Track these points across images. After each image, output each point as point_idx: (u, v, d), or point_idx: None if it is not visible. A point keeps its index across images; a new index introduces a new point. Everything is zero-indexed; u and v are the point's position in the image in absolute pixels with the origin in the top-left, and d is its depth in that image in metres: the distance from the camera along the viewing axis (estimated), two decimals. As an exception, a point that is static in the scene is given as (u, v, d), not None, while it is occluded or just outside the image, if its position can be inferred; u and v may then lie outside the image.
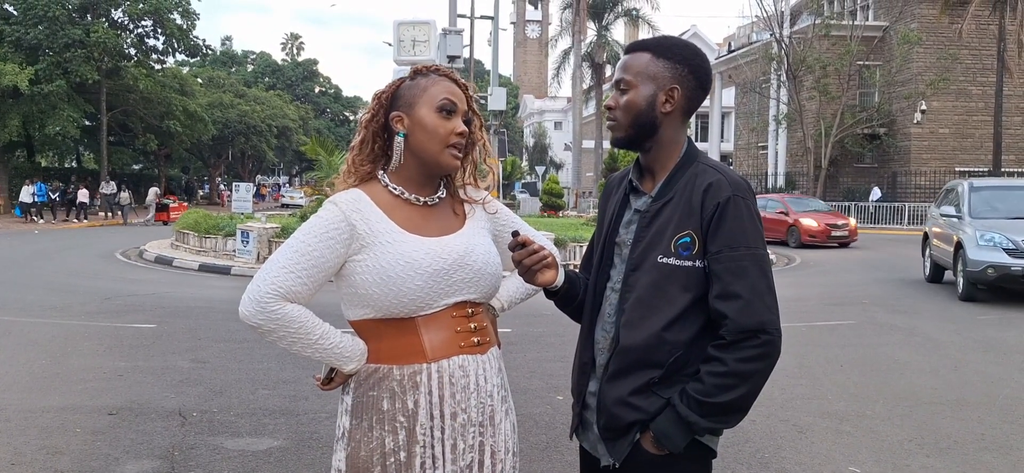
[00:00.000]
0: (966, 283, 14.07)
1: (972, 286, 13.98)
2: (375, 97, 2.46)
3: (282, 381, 7.87)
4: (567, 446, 5.87)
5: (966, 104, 44.90)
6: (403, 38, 23.22)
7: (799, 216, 27.79)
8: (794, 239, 27.29)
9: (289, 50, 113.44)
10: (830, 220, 27.84)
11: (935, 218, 17.17)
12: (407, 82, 2.43)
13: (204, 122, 55.88)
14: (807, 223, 27.30)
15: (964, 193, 15.76)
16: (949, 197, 16.84)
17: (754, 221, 2.28)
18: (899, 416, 6.95)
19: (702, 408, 2.22)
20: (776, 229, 27.73)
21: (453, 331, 2.35)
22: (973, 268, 13.76)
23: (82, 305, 12.87)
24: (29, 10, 43.25)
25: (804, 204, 30.21)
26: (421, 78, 2.41)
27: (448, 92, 2.37)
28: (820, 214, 28.33)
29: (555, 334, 9.65)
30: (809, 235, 27.09)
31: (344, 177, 2.44)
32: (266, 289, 2.22)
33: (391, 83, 2.47)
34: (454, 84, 2.41)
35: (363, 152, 2.44)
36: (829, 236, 27.05)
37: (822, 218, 27.80)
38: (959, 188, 16.25)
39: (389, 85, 2.47)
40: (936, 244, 16.69)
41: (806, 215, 27.95)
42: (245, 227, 20.22)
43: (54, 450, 5.85)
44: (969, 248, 13.99)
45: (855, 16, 47.31)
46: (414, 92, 2.39)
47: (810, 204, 30.62)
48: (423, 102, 2.36)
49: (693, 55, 2.43)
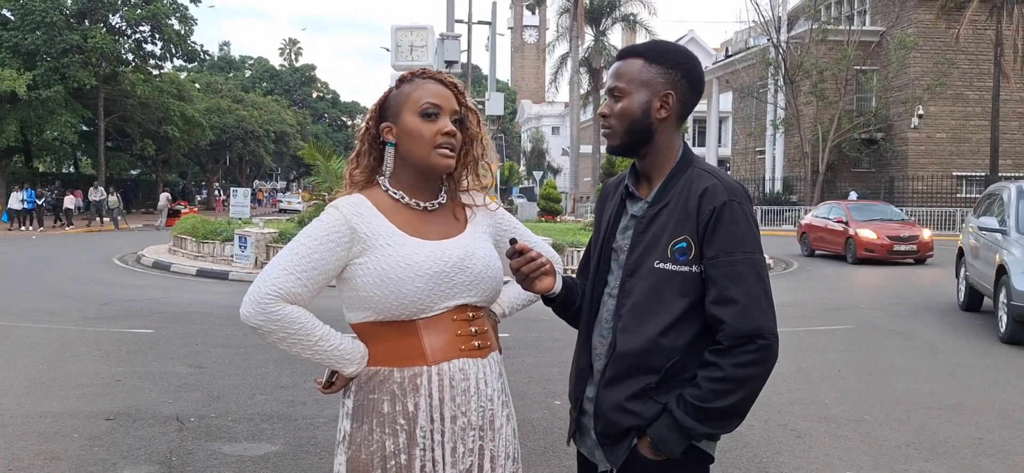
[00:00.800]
0: (1011, 321, 10.46)
1: (1018, 325, 10.36)
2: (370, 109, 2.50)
3: (280, 386, 7.87)
4: (565, 451, 5.87)
5: (963, 109, 44.97)
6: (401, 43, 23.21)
7: (859, 226, 23.33)
8: (851, 254, 23.21)
9: (287, 55, 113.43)
10: (894, 231, 23.06)
11: (973, 230, 13.42)
12: (394, 91, 2.46)
13: (202, 127, 55.84)
14: (865, 235, 22.85)
15: (1011, 200, 12.02)
16: (992, 205, 13.07)
17: (750, 226, 2.28)
18: (896, 420, 6.96)
19: (699, 413, 2.22)
20: (833, 241, 24.39)
21: (454, 334, 2.36)
22: (1019, 302, 10.25)
23: (80, 310, 12.86)
24: (27, 15, 43.23)
25: (869, 211, 25.47)
26: (406, 85, 2.43)
27: (431, 95, 2.38)
28: (885, 224, 23.67)
29: (552, 339, 9.65)
30: (866, 249, 22.69)
31: (344, 189, 2.46)
32: (266, 290, 2.24)
33: (383, 94, 2.50)
34: (440, 85, 2.42)
35: (359, 164, 2.47)
36: (891, 250, 22.46)
37: (884, 229, 23.08)
38: (1005, 194, 12.48)
39: (381, 96, 2.49)
40: (973, 264, 13.04)
41: (866, 225, 23.38)
42: (243, 232, 20.20)
43: (51, 455, 5.84)
44: (1015, 275, 10.49)
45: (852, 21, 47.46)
46: (399, 100, 2.41)
47: (877, 210, 25.76)
48: (407, 109, 2.38)
49: (686, 59, 2.43)
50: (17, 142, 45.95)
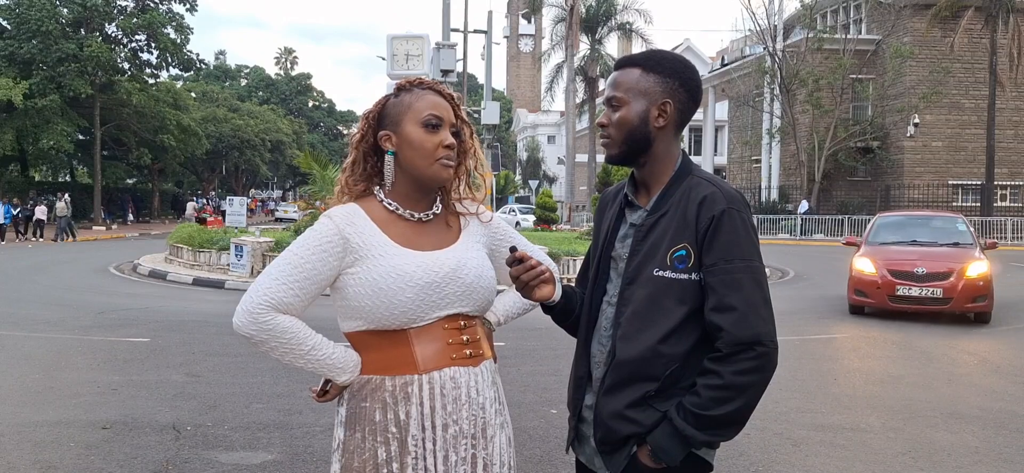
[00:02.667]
0: None
1: None
2: (363, 117, 2.49)
3: (276, 395, 7.86)
4: (561, 460, 5.87)
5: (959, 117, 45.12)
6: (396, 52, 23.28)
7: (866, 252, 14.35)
8: None
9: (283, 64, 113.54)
10: (911, 261, 13.65)
11: None
12: (392, 99, 2.46)
13: (198, 136, 55.91)
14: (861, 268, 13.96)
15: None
16: None
17: (749, 233, 2.29)
18: (893, 429, 6.96)
19: (699, 421, 2.22)
20: None
21: (445, 343, 2.36)
22: None
23: (76, 319, 12.84)
24: (22, 24, 43.28)
25: (912, 227, 15.65)
26: (405, 94, 2.43)
27: (432, 106, 2.39)
28: (908, 250, 14.27)
29: (548, 348, 9.65)
30: (858, 290, 13.94)
31: (338, 197, 2.46)
32: (258, 300, 2.25)
33: (378, 101, 2.50)
34: (439, 96, 2.43)
35: (355, 172, 2.47)
36: (893, 295, 13.36)
37: (899, 257, 13.89)
38: None
39: (376, 103, 2.49)
40: None
41: (877, 252, 14.28)
42: (239, 241, 20.19)
43: (48, 465, 5.83)
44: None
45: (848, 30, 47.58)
46: (400, 109, 2.41)
47: (923, 227, 15.57)
48: (409, 118, 2.38)
49: (683, 68, 2.44)
50: (13, 151, 45.99)
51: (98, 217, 48.98)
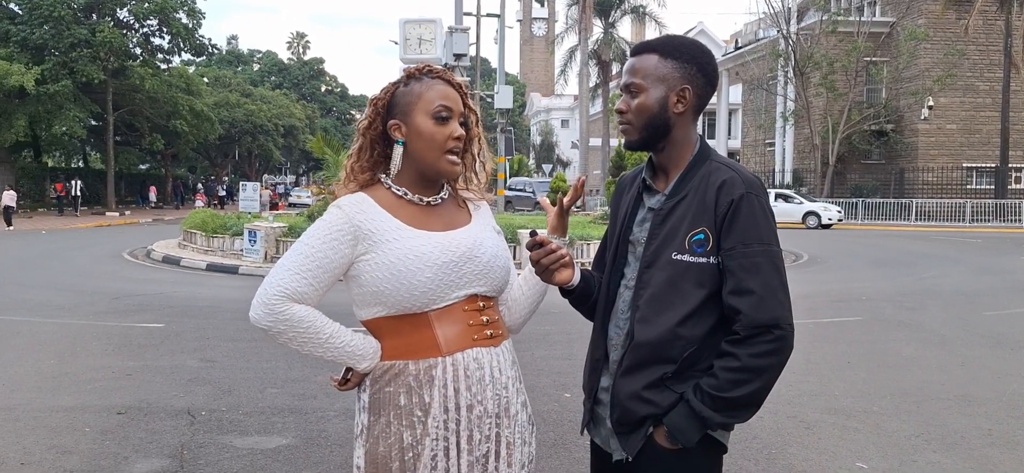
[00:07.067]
0: None
1: None
2: (371, 103, 2.47)
3: (290, 380, 7.88)
4: (575, 443, 5.88)
5: (973, 100, 44.89)
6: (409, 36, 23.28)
7: None
8: None
9: (295, 49, 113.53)
10: None
11: None
12: (402, 87, 2.44)
13: (210, 122, 55.96)
14: None
15: None
16: None
17: (767, 218, 2.30)
18: (906, 412, 6.95)
19: (715, 403, 2.23)
20: None
21: (466, 324, 2.36)
22: None
23: (90, 305, 12.91)
24: (35, 10, 43.38)
25: None
26: (415, 83, 2.42)
27: (443, 97, 2.38)
28: None
29: (562, 332, 9.65)
30: None
31: (344, 183, 2.45)
32: (273, 292, 2.25)
33: (386, 88, 2.48)
34: (449, 86, 2.42)
35: (362, 159, 2.46)
36: None
37: None
38: None
39: (384, 90, 2.47)
40: None
41: None
42: (252, 226, 20.24)
43: (63, 450, 5.87)
44: None
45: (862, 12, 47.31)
46: (409, 99, 2.40)
47: None
48: (419, 109, 2.37)
49: (700, 53, 2.44)
50: (26, 137, 46.08)
51: (110, 202, 49.16)
